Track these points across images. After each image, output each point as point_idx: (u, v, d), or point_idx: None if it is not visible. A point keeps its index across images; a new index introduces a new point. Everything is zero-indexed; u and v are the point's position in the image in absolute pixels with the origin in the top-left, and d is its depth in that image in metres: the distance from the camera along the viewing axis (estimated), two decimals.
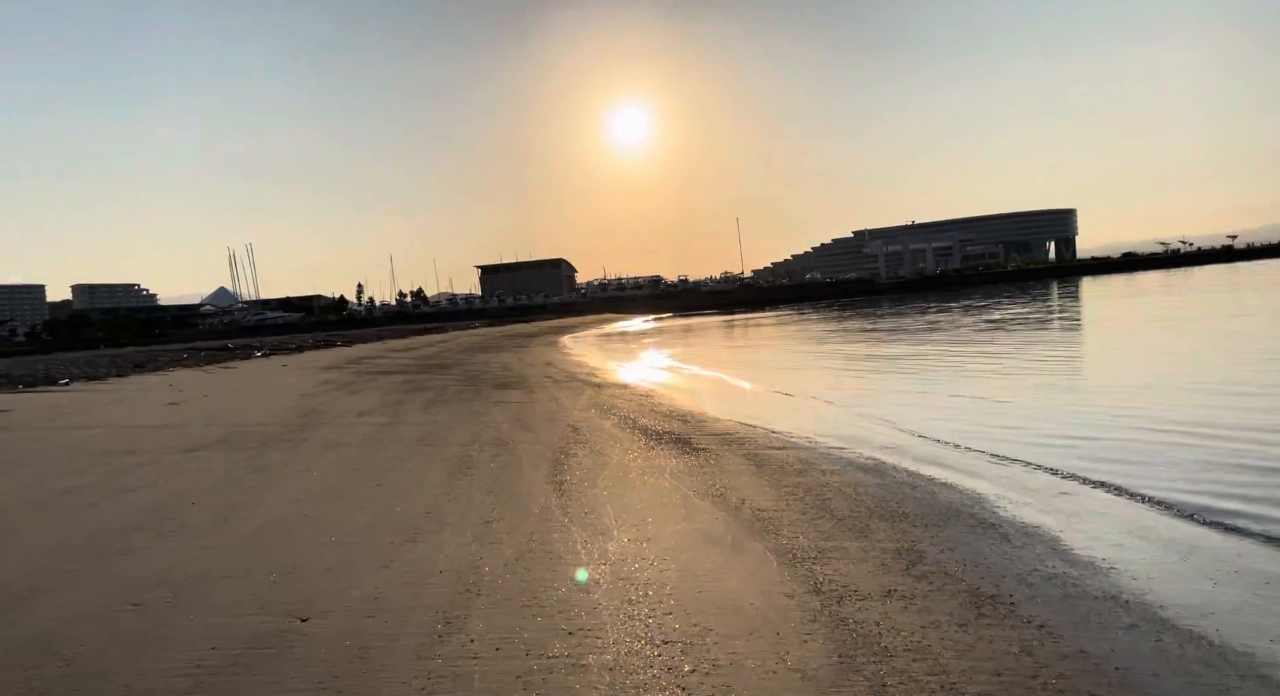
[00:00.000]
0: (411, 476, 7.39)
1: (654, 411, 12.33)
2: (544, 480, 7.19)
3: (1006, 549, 4.92)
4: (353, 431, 10.30)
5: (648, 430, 10.20)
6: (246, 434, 9.98)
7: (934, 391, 14.03)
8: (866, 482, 6.88)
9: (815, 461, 7.93)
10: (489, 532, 5.48)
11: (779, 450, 8.62)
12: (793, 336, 37.06)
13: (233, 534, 5.53)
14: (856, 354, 23.56)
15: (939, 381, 15.55)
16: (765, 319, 61.65)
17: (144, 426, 10.63)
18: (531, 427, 10.53)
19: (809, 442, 9.19)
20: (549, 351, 32.39)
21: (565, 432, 10.06)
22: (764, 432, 10.05)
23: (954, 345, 23.34)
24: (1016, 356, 19.17)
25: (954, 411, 11.53)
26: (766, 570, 4.58)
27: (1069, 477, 7.04)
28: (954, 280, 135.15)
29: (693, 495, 6.51)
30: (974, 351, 21.14)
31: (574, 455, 8.44)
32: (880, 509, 5.93)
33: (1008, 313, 38.41)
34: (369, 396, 14.93)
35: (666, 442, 9.25)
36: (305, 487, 6.96)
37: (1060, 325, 29.87)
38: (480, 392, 15.62)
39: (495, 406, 13.09)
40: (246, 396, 14.77)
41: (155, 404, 13.13)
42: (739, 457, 8.17)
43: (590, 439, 9.54)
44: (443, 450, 8.82)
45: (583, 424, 10.87)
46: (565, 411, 12.31)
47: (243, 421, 11.15)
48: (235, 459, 8.25)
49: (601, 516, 5.89)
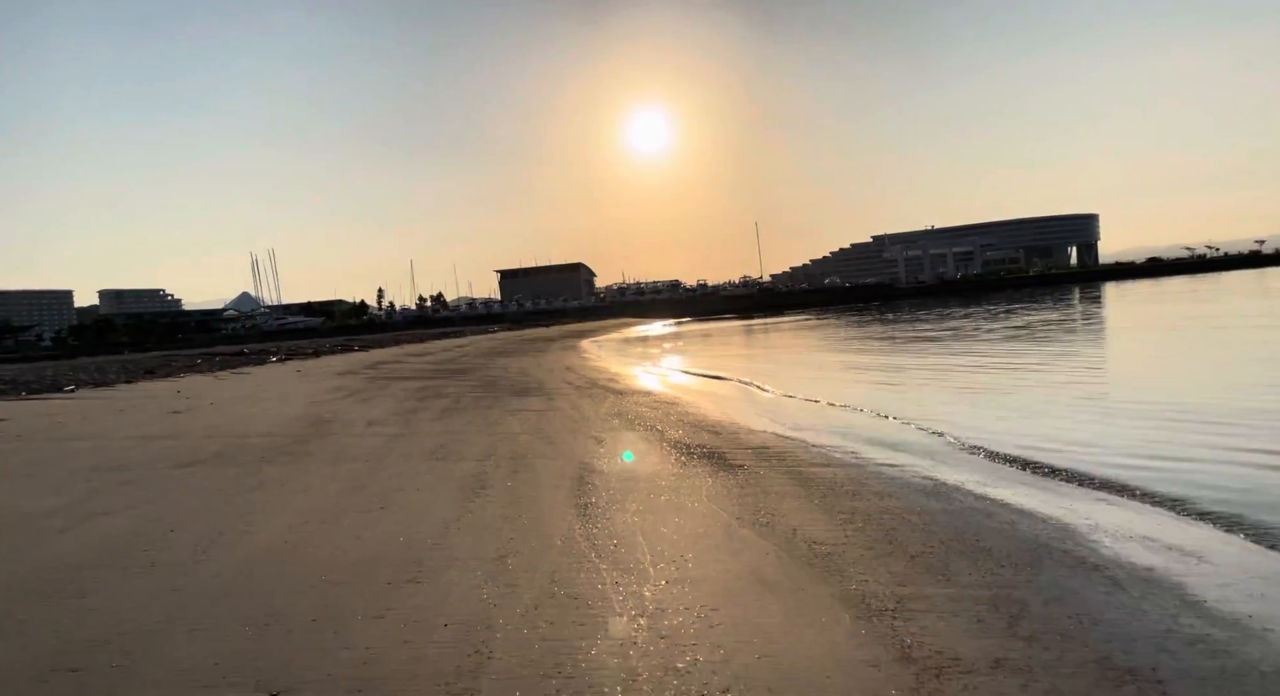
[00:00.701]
0: (419, 498, 6.65)
1: (681, 422, 11.55)
2: (566, 503, 6.42)
3: (1124, 600, 4.09)
4: (360, 444, 9.59)
5: (677, 443, 9.42)
6: (246, 446, 9.30)
7: (977, 401, 13.14)
8: (931, 508, 6.06)
9: (866, 481, 7.12)
10: (504, 571, 4.72)
11: (823, 468, 7.81)
12: (815, 341, 36.13)
13: (209, 570, 4.80)
14: (884, 360, 22.65)
15: (981, 389, 14.64)
16: (785, 323, 60.69)
17: (140, 438, 9.99)
18: (552, 440, 9.78)
19: (855, 459, 8.36)
20: (568, 356, 31.68)
21: (587, 445, 9.30)
22: (802, 445, 9.24)
23: (986, 351, 22.37)
24: (1060, 365, 18.21)
25: (1004, 423, 10.65)
26: (838, 626, 3.78)
27: (1166, 506, 6.19)
28: (975, 285, 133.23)
29: (736, 523, 5.71)
30: (1010, 359, 20.18)
31: (599, 472, 7.67)
32: (956, 542, 5.11)
33: (1035, 317, 37.29)
34: (381, 404, 14.25)
35: (699, 458, 8.46)
36: (300, 511, 6.23)
37: (1096, 331, 28.78)
38: (498, 400, 14.91)
39: (513, 415, 12.36)
40: (254, 404, 14.14)
41: (158, 412, 12.52)
42: (781, 476, 7.36)
43: (616, 453, 8.78)
44: (455, 466, 8.08)
45: (606, 436, 10.11)
46: (587, 421, 11.56)
47: (245, 432, 10.49)
48: (228, 476, 7.55)
49: (633, 549, 5.11)
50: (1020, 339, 25.77)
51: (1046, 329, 29.90)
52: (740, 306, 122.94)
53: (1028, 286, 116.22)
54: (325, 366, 25.84)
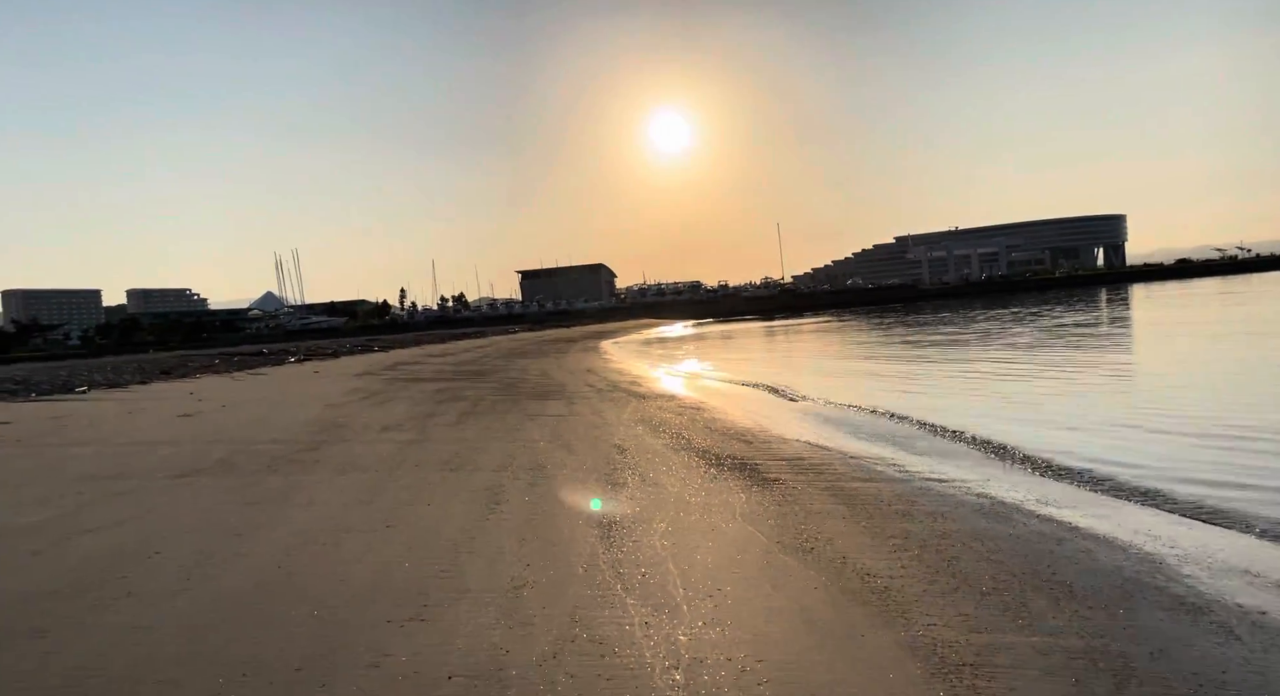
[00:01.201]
0: (429, 514, 6.14)
1: (708, 428, 10.99)
2: (588, 521, 5.89)
3: (1243, 653, 3.49)
4: (372, 451, 9.12)
5: (705, 453, 8.86)
6: (252, 453, 8.86)
7: (1018, 409, 12.45)
8: (993, 532, 5.45)
9: (915, 498, 6.52)
10: (519, 605, 4.19)
11: (866, 482, 7.21)
12: (840, 344, 35.39)
13: (189, 602, 4.31)
14: (913, 365, 21.93)
15: (1020, 396, 13.94)
16: (807, 325, 59.91)
17: (143, 444, 9.59)
18: (572, 448, 9.25)
19: (898, 472, 7.76)
20: (589, 357, 31.21)
21: (610, 455, 8.77)
22: (839, 457, 8.64)
23: (1020, 356, 21.59)
24: (1101, 371, 17.45)
25: (1052, 434, 9.98)
26: (909, 686, 3.21)
27: (1257, 532, 5.54)
28: (1000, 287, 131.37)
29: (776, 548, 5.15)
30: (1046, 365, 19.42)
31: (623, 485, 7.13)
32: (1030, 576, 4.52)
33: (1067, 319, 36.31)
34: (398, 407, 13.81)
35: (729, 469, 7.90)
36: (299, 529, 5.74)
37: (1137, 334, 27.86)
38: (517, 404, 14.42)
39: (532, 421, 11.86)
40: (267, 407, 13.75)
41: (167, 416, 12.15)
42: (821, 492, 6.79)
43: (640, 463, 8.24)
44: (470, 478, 7.58)
45: (630, 443, 9.58)
46: (609, 427, 11.04)
47: (253, 437, 10.06)
48: (228, 487, 7.09)
49: (663, 579, 4.57)
50: (1056, 343, 24.95)
51: (1080, 332, 29.00)
52: (761, 308, 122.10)
53: (1054, 288, 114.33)
54: (344, 367, 25.53)
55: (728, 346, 41.17)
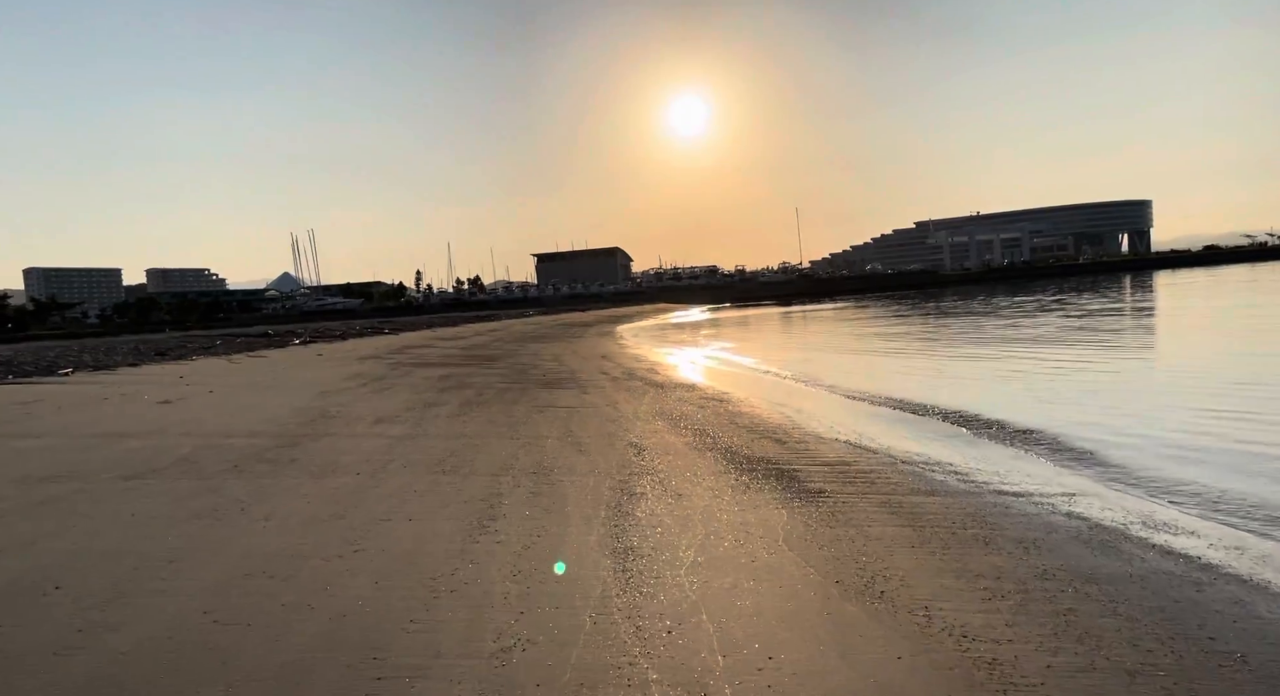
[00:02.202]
0: (408, 534, 5.10)
1: (734, 424, 9.91)
2: (599, 547, 4.83)
3: None
4: (359, 447, 8.10)
5: (734, 454, 7.79)
6: (222, 449, 7.86)
7: (1072, 405, 11.27)
8: (1109, 573, 4.34)
9: (994, 519, 5.42)
10: (506, 680, 3.14)
11: (928, 496, 6.12)
12: (862, 331, 34.11)
13: (83, 661, 3.29)
14: (944, 352, 20.69)
15: (1070, 389, 12.73)
16: (826, 311, 58.54)
17: (105, 436, 8.62)
18: (583, 447, 8.20)
19: (961, 481, 6.66)
20: (604, 343, 30.15)
21: (626, 456, 7.71)
22: (889, 461, 7.54)
23: (1060, 344, 20.32)
24: (1148, 358, 16.21)
25: (1126, 435, 8.82)
26: None
27: None
28: (1023, 273, 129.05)
29: (835, 591, 4.07)
30: (1088, 353, 18.16)
31: (640, 496, 6.07)
32: (1180, 640, 3.42)
33: (1094, 306, 34.84)
34: (397, 396, 12.81)
35: (764, 476, 6.82)
36: (250, 551, 4.72)
37: (1164, 322, 26.44)
38: (525, 392, 13.39)
39: (540, 413, 10.82)
40: (256, 393, 12.79)
41: (146, 402, 11.20)
42: (877, 508, 5.70)
43: (660, 467, 7.17)
44: (464, 483, 6.54)
45: (648, 442, 8.52)
46: (625, 421, 9.98)
47: (231, 430, 9.07)
48: (180, 494, 6.08)
49: (695, 639, 3.51)
50: (1102, 332, 23.63)
51: (1109, 318, 27.63)
52: (779, 293, 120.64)
53: (1077, 275, 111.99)
54: (349, 350, 24.60)
55: (747, 332, 40.01)
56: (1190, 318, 27.85)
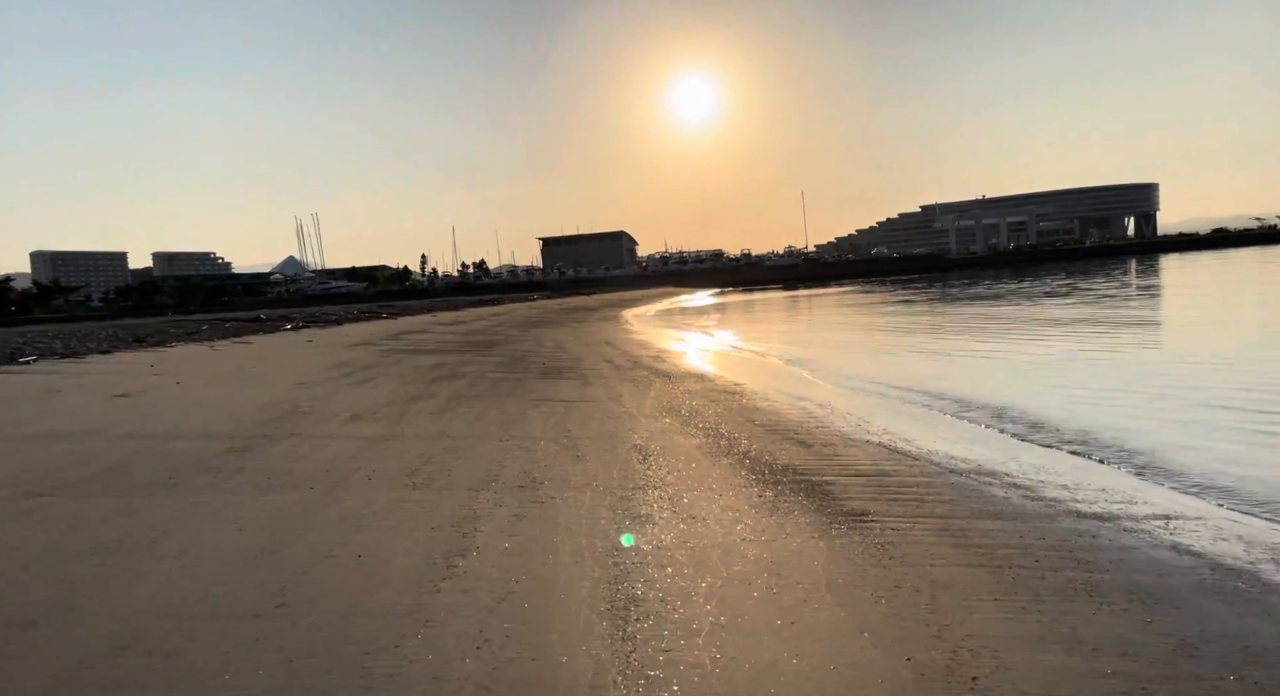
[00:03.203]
0: (355, 578, 4.05)
1: (751, 421, 8.85)
2: (592, 597, 3.78)
3: None
4: (321, 453, 7.05)
5: (754, 461, 6.73)
6: (163, 455, 6.81)
7: (1119, 397, 10.17)
8: (1266, 643, 3.28)
9: (1086, 555, 4.34)
10: None
11: (995, 520, 5.05)
12: (871, 315, 32.95)
13: None
14: (960, 338, 19.52)
15: (1105, 373, 11.61)
16: (833, 295, 57.28)
17: (30, 438, 7.55)
18: (580, 451, 7.15)
19: (1032, 498, 5.59)
20: (609, 328, 29.08)
21: (629, 463, 6.66)
22: (935, 470, 6.48)
23: (1073, 324, 19.17)
24: (1178, 347, 15.08)
25: (1198, 438, 7.74)
26: None
27: None
28: (1030, 257, 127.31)
29: (910, 675, 3.01)
30: (1110, 338, 17.04)
31: (646, 521, 5.01)
32: None
33: (1116, 290, 33.63)
34: (380, 388, 11.77)
35: (791, 490, 5.77)
36: (139, 608, 3.67)
37: (1190, 306, 25.25)
38: (522, 383, 12.34)
39: (536, 408, 9.77)
40: (226, 385, 11.75)
41: (100, 396, 10.17)
42: (936, 537, 4.64)
43: (669, 477, 6.12)
44: (436, 502, 5.49)
45: (655, 444, 7.46)
46: (629, 419, 8.93)
47: (179, 430, 8.02)
48: (88, 516, 5.03)
49: None
50: (1120, 315, 22.49)
51: (1129, 302, 26.47)
52: (785, 277, 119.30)
53: (1083, 258, 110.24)
54: (342, 336, 23.56)
55: (754, 317, 38.93)
56: (1218, 302, 26.64)
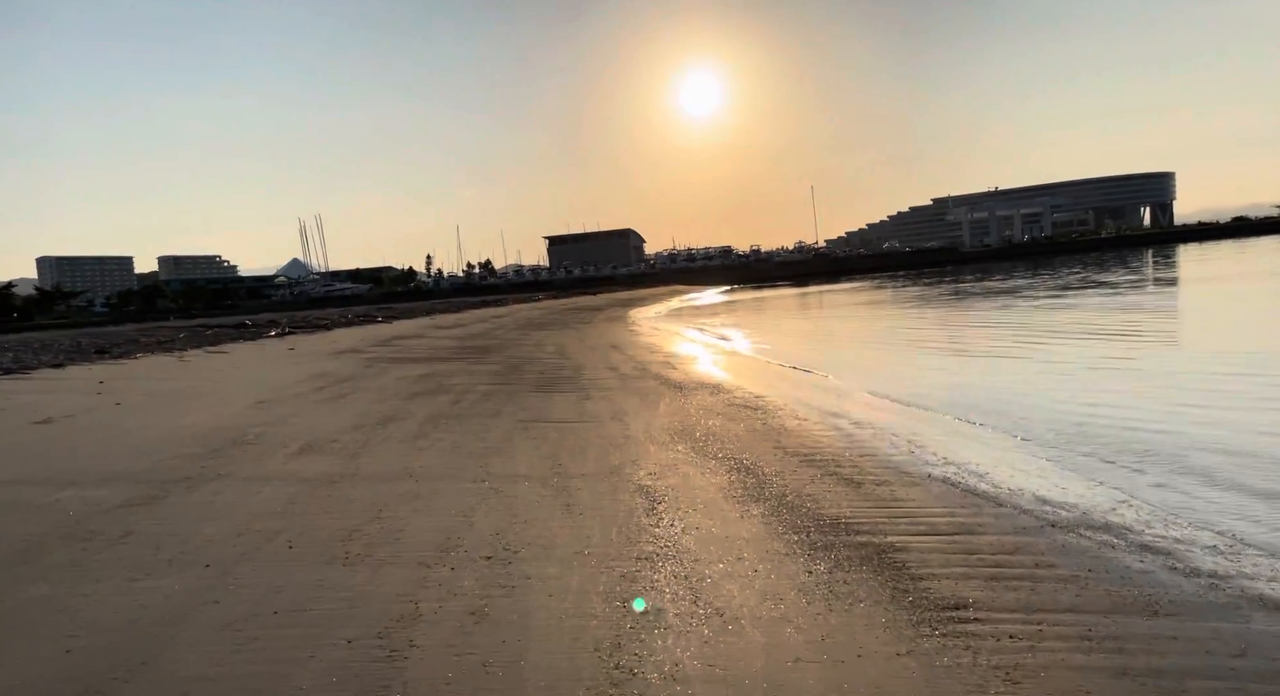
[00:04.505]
0: None
1: (781, 447, 7.37)
2: None
3: None
4: (243, 505, 5.60)
5: (794, 510, 5.25)
6: (37, 512, 5.37)
7: (1197, 400, 8.61)
8: None
9: None
10: None
11: (1151, 617, 3.57)
12: (888, 313, 31.33)
13: None
14: (994, 337, 17.90)
15: (1180, 383, 10.02)
16: (846, 291, 55.55)
17: None
18: (572, 498, 5.67)
19: (1191, 577, 4.11)
20: (615, 329, 27.59)
21: (634, 516, 5.19)
22: (1030, 523, 5.00)
23: (1119, 325, 17.57)
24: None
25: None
26: None
27: None
28: (1045, 249, 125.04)
29: None
30: (1162, 342, 15.46)
31: (656, 622, 3.54)
32: None
33: (1140, 278, 31.90)
34: (351, 407, 10.33)
35: (848, 559, 4.31)
36: None
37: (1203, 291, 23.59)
38: (513, 398, 10.90)
39: (525, 432, 8.32)
40: (173, 406, 10.34)
41: (20, 422, 8.76)
42: (1078, 654, 3.15)
43: (685, 542, 4.66)
44: (367, 589, 4.02)
45: (665, 484, 6.00)
46: (634, 446, 7.47)
47: (80, 472, 6.57)
48: None
49: None
50: (1164, 308, 20.88)
51: (1164, 294, 24.81)
52: (796, 273, 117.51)
53: (1099, 250, 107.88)
54: (329, 343, 22.15)
55: (765, 317, 37.38)
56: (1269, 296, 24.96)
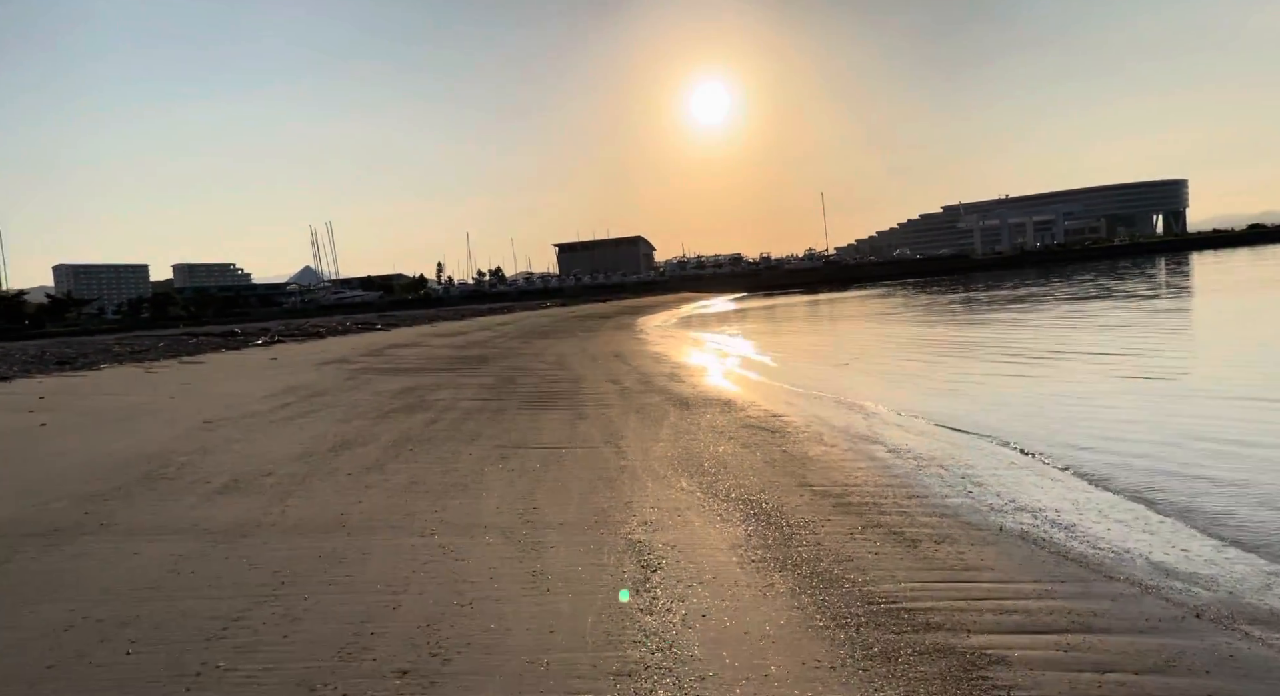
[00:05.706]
0: None
1: (807, 485, 6.03)
2: None
3: None
4: (109, 573, 4.31)
5: (832, 586, 3.92)
6: None
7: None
8: None
9: None
10: None
11: None
12: (905, 320, 29.85)
13: None
14: (1029, 350, 16.39)
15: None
16: (857, 300, 53.96)
17: None
18: (543, 560, 4.35)
19: None
20: (621, 338, 26.27)
21: (618, 589, 3.85)
22: (1158, 606, 3.69)
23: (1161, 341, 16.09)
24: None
25: None
26: None
27: None
28: (1058, 256, 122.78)
29: None
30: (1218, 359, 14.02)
31: None
32: None
33: (1154, 289, 30.29)
34: (310, 426, 9.06)
35: (926, 678, 2.95)
36: None
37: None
38: (499, 417, 9.60)
39: (504, 461, 7.01)
40: (107, 427, 9.10)
41: None
42: None
43: (686, 641, 3.32)
44: None
45: (664, 540, 4.67)
46: (630, 479, 6.16)
47: None
48: None
49: None
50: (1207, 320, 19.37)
51: (1188, 303, 23.25)
52: (806, 280, 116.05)
53: (1112, 258, 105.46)
54: (319, 352, 20.92)
55: (778, 325, 35.96)
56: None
